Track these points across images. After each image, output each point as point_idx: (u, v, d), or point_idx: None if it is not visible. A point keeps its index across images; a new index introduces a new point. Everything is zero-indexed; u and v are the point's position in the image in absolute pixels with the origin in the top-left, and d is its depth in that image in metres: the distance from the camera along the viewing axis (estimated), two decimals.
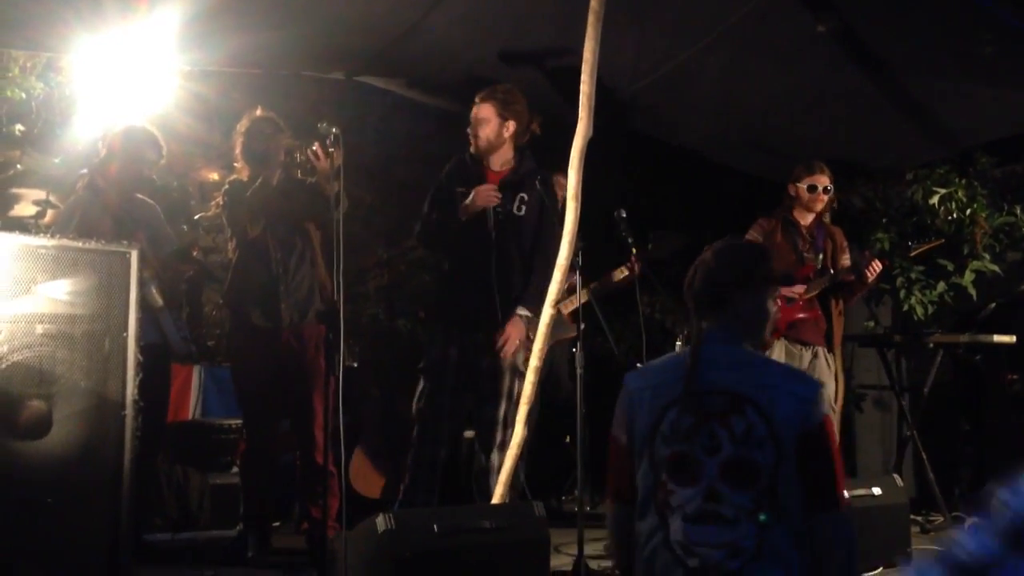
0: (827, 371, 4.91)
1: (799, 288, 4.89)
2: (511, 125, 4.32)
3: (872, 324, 6.42)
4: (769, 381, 2.21)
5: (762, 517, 2.11)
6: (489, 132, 4.30)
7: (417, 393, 4.35)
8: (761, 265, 2.40)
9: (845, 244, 5.09)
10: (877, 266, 4.84)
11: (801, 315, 4.92)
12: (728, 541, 2.13)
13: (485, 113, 4.30)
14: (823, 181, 4.94)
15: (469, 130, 4.35)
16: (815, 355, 4.92)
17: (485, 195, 4.26)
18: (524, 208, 4.35)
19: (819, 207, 4.98)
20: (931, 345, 5.58)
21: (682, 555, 2.15)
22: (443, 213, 4.34)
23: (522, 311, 4.28)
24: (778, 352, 4.90)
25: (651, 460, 2.23)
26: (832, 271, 4.94)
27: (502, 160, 4.37)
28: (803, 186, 4.94)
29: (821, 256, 4.99)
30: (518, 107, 4.33)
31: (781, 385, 2.20)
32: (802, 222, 5.01)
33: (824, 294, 4.95)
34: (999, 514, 1.27)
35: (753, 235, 5.08)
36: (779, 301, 4.86)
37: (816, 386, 2.26)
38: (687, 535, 2.16)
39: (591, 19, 3.87)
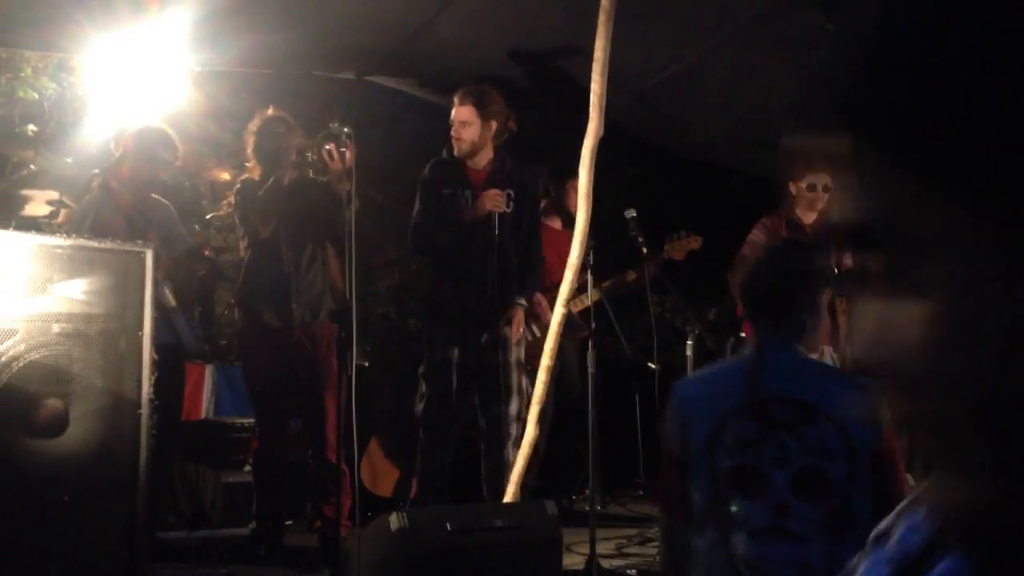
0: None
1: None
2: (492, 125, 4.35)
3: None
4: (837, 389, 2.09)
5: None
6: (472, 134, 4.32)
7: (419, 396, 4.35)
8: (822, 265, 2.33)
9: None
10: None
11: None
12: (797, 558, 1.99)
13: (466, 115, 4.31)
14: (823, 179, 4.87)
15: (452, 132, 4.36)
16: (820, 355, 4.90)
17: (494, 200, 4.28)
18: (512, 205, 4.40)
19: (820, 205, 4.91)
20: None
21: (746, 572, 2.01)
22: (437, 216, 4.35)
23: (520, 300, 4.37)
24: None
25: (711, 472, 2.06)
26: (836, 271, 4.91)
27: (484, 160, 4.39)
28: (803, 184, 4.88)
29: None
30: (496, 107, 4.36)
31: (850, 394, 2.07)
32: (806, 221, 4.97)
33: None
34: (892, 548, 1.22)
35: (757, 235, 5.00)
36: None
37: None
38: (753, 551, 2.00)
39: (602, 18, 3.87)
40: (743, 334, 5.20)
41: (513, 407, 4.32)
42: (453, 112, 4.35)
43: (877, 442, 2.03)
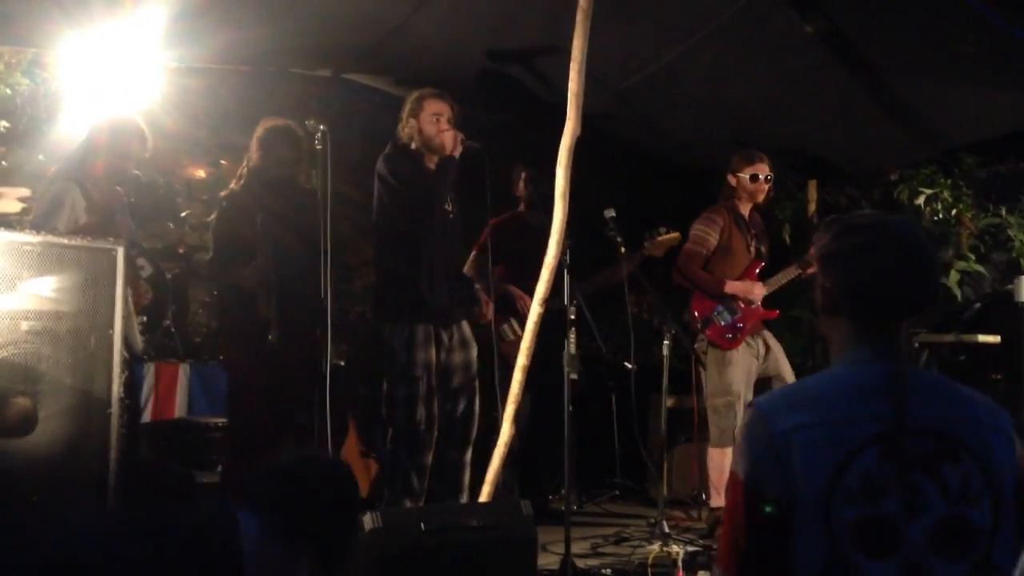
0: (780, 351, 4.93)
1: (758, 291, 4.89)
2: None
3: None
4: (971, 413, 1.70)
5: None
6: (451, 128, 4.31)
7: (390, 399, 4.22)
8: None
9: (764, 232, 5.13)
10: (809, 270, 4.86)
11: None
12: None
13: (447, 110, 4.31)
14: (764, 170, 4.92)
15: (442, 125, 4.27)
16: (766, 340, 4.92)
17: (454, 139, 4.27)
18: (452, 205, 4.41)
19: (761, 197, 4.97)
20: (916, 345, 5.60)
21: None
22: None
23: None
24: (742, 351, 4.87)
25: (827, 526, 1.61)
26: (796, 265, 4.95)
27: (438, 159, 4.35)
28: (745, 176, 4.91)
29: (763, 246, 5.01)
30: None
31: (988, 420, 1.70)
32: (744, 213, 5.00)
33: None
34: None
35: (703, 228, 4.96)
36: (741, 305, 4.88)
37: (1008, 416, 1.77)
38: None
39: (579, 17, 3.88)
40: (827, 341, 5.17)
41: (477, 405, 4.34)
42: (438, 105, 4.30)
43: (1020, 476, 1.70)
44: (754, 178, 4.91)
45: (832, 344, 1.82)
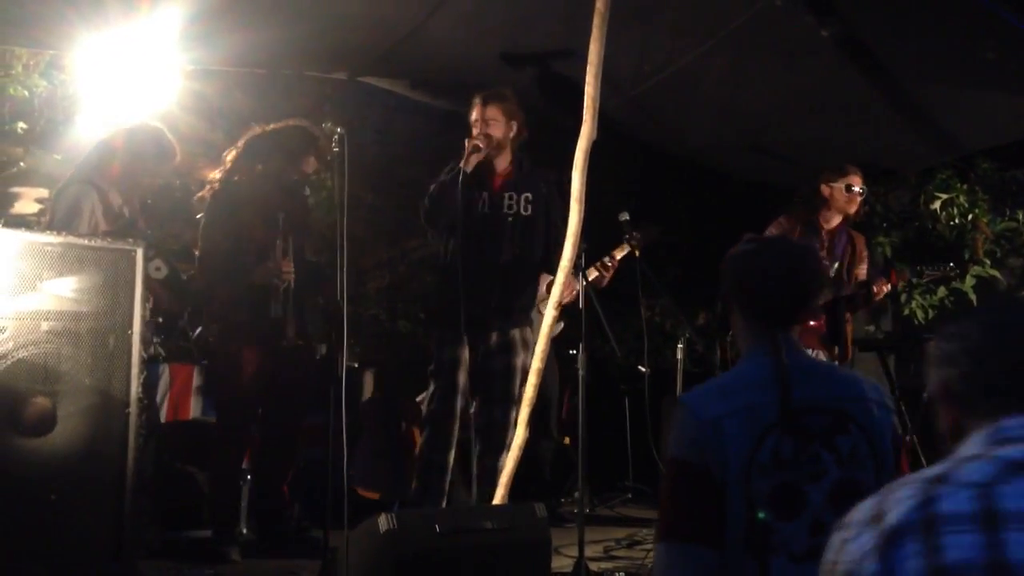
0: None
1: None
2: (514, 125, 4.37)
3: (872, 328, 6.43)
4: (858, 392, 2.02)
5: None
6: (500, 132, 4.33)
7: (428, 396, 4.34)
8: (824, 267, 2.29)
9: (866, 254, 4.93)
10: (886, 286, 4.77)
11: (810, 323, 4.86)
12: None
13: (494, 114, 4.32)
14: (858, 182, 4.80)
15: (476, 131, 4.33)
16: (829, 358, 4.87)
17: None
18: (531, 208, 4.39)
19: (854, 209, 4.84)
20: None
21: None
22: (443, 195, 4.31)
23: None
24: None
25: (746, 496, 1.90)
26: (844, 281, 4.84)
27: (504, 162, 4.40)
28: (840, 186, 4.78)
29: (837, 264, 4.85)
30: (517, 108, 4.39)
31: (869, 395, 2.02)
32: (826, 226, 4.86)
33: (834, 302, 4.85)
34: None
35: (772, 233, 4.96)
36: None
37: (885, 388, 2.07)
38: None
39: (596, 21, 3.88)
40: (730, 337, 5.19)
41: (512, 413, 4.32)
42: (475, 113, 4.34)
43: (895, 441, 2.00)
44: (848, 189, 4.79)
45: (738, 343, 2.13)
